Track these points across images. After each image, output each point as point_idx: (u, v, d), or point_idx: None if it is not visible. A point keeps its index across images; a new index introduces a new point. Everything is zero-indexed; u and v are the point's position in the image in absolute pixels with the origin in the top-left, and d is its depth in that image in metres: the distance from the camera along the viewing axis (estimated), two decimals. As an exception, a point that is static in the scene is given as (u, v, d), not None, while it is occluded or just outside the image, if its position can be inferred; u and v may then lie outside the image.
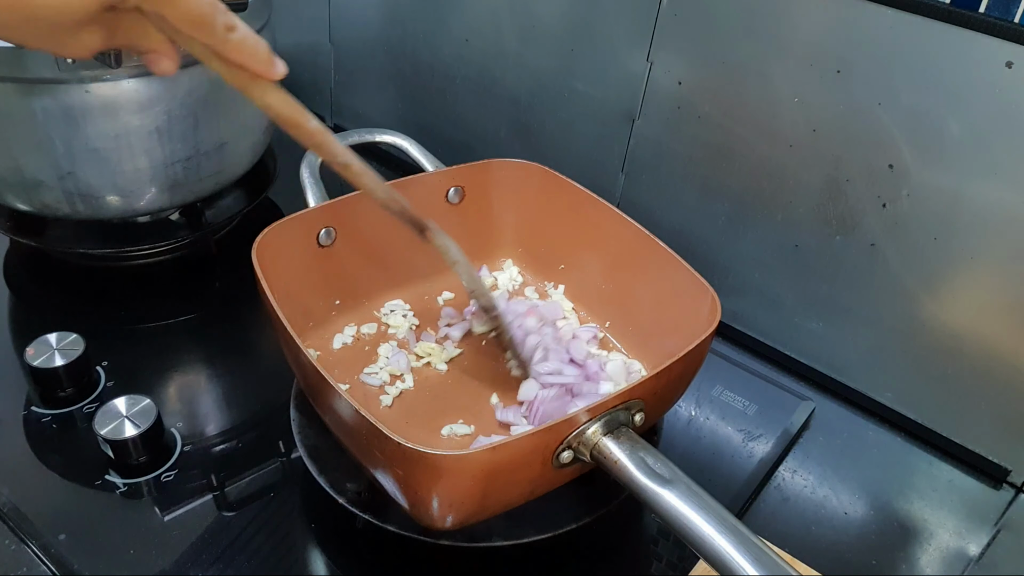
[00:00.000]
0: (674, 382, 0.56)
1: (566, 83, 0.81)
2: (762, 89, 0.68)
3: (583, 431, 0.49)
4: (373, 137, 0.75)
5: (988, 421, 0.67)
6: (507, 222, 0.75)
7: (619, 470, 0.49)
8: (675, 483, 0.47)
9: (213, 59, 0.44)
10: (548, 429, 0.48)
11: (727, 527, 0.44)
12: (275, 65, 0.45)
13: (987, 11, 0.56)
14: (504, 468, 0.48)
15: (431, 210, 0.71)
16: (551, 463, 0.49)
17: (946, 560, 0.62)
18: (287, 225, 0.64)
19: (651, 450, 0.49)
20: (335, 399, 0.49)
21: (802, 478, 0.67)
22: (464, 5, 0.85)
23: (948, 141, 0.61)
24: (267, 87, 0.46)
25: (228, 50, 0.43)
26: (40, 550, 0.56)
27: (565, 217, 0.71)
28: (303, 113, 0.49)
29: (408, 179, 0.70)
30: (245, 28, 0.43)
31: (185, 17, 0.41)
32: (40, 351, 0.66)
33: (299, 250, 0.65)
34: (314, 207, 0.67)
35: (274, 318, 0.55)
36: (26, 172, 0.70)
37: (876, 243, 0.67)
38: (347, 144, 0.72)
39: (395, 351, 0.67)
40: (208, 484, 0.62)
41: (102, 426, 0.61)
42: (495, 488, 0.49)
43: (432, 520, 0.50)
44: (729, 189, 0.74)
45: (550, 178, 0.71)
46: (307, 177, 0.69)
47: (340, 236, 0.68)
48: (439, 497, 0.48)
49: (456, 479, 0.47)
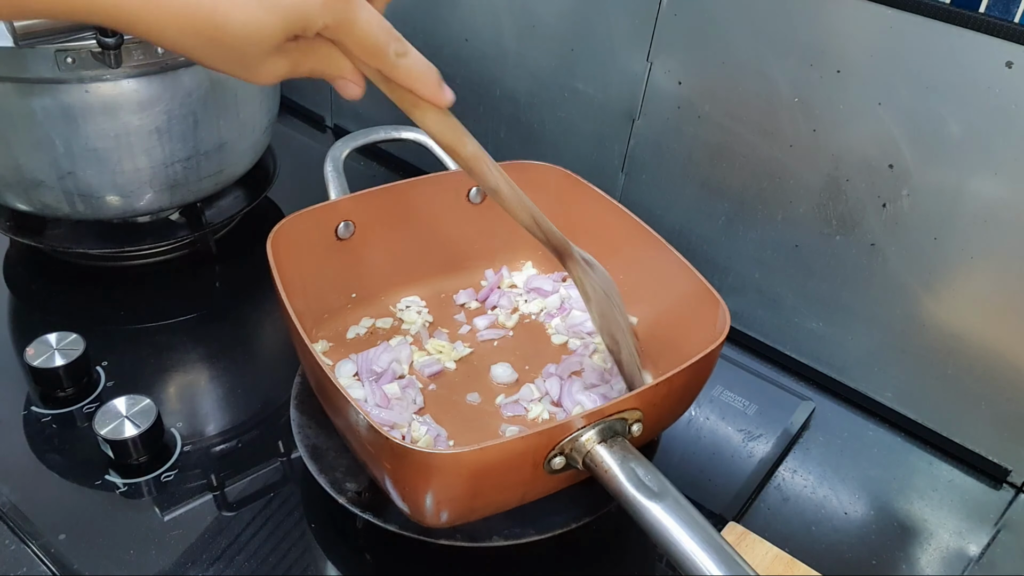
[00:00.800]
0: (676, 394, 0.55)
1: (566, 83, 0.81)
2: (762, 89, 0.68)
3: (577, 437, 0.48)
4: (399, 134, 0.75)
5: (988, 421, 0.67)
6: None
7: (609, 480, 0.48)
8: (664, 497, 0.46)
9: (383, 82, 0.44)
10: (540, 433, 0.47)
11: (712, 546, 0.44)
12: (443, 92, 0.45)
13: (987, 11, 0.56)
14: (494, 469, 0.47)
15: (452, 209, 0.72)
16: (543, 467, 0.49)
17: (946, 560, 0.62)
18: (305, 217, 0.64)
19: (643, 461, 0.49)
20: (332, 391, 0.50)
21: (802, 478, 0.67)
22: (464, 5, 0.85)
23: (948, 141, 0.61)
24: (429, 109, 0.46)
25: (398, 75, 0.44)
26: (40, 550, 0.56)
27: (582, 220, 0.71)
28: (462, 139, 0.49)
29: (429, 177, 0.71)
30: (416, 55, 0.44)
31: (360, 44, 0.42)
32: (40, 351, 0.66)
33: (316, 242, 0.65)
34: (335, 199, 0.67)
35: (281, 306, 0.55)
36: (26, 172, 0.70)
37: (876, 243, 0.67)
38: (371, 141, 0.74)
39: (401, 344, 0.68)
40: (208, 484, 0.62)
41: (102, 426, 0.61)
42: (485, 488, 0.49)
43: (424, 517, 0.50)
44: (729, 189, 0.74)
45: (570, 181, 0.71)
46: (330, 171, 0.70)
47: (359, 230, 0.68)
48: (428, 494, 0.48)
49: (445, 477, 0.47)
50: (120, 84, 0.67)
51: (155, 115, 0.70)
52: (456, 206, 0.72)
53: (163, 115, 0.70)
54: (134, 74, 0.68)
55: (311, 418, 0.61)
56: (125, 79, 0.67)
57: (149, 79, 0.68)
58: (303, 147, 1.05)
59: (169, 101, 0.70)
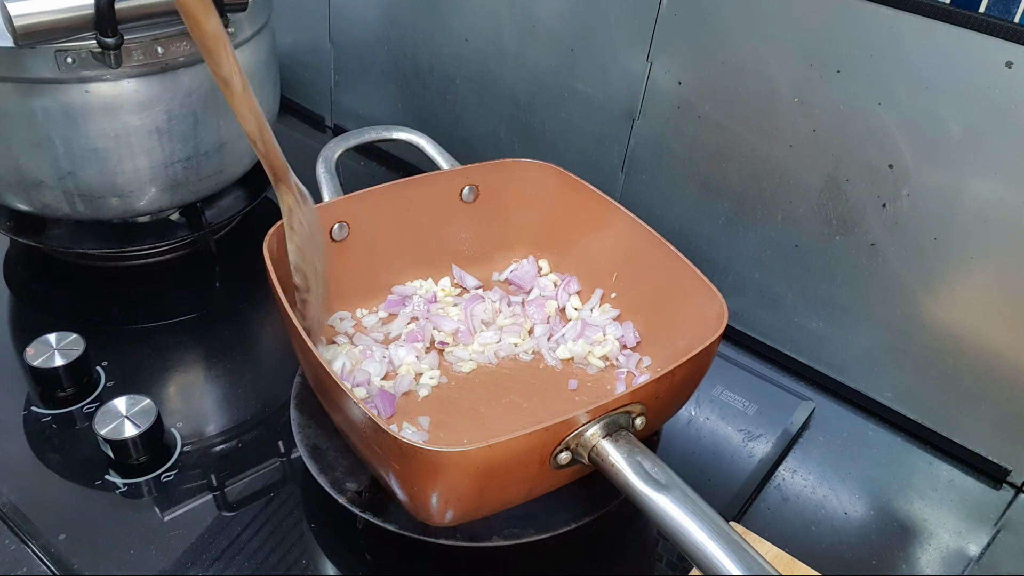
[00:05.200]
0: (677, 387, 0.55)
1: (566, 83, 0.81)
2: (762, 89, 0.68)
3: (582, 432, 0.49)
4: (390, 134, 0.75)
5: (988, 421, 0.67)
6: (520, 222, 0.74)
7: (616, 473, 0.48)
8: (671, 489, 0.46)
9: None
10: (547, 429, 0.48)
11: (720, 535, 0.44)
12: None
13: (987, 11, 0.56)
14: (501, 466, 0.48)
15: (445, 208, 0.72)
16: (549, 463, 0.49)
17: (946, 560, 0.62)
18: None
19: (649, 454, 0.49)
20: (336, 391, 0.50)
21: (802, 478, 0.67)
22: (464, 5, 0.85)
23: (948, 141, 0.61)
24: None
25: None
26: (40, 550, 0.57)
27: (578, 218, 0.71)
28: (208, 11, 0.46)
29: (422, 176, 0.71)
30: None
31: None
32: (40, 351, 0.66)
33: None
34: (328, 201, 0.67)
35: (281, 309, 0.55)
36: (26, 172, 0.70)
37: (876, 243, 0.67)
38: (363, 141, 0.74)
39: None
40: (208, 484, 0.62)
41: (102, 426, 0.61)
42: (492, 486, 0.49)
43: (430, 516, 0.50)
44: (729, 189, 0.74)
45: (565, 179, 0.71)
46: (322, 172, 0.70)
47: (353, 231, 0.68)
48: (435, 493, 0.48)
49: (452, 475, 0.47)
50: (120, 84, 0.67)
51: (155, 115, 0.70)
52: (449, 205, 0.72)
53: (163, 115, 0.70)
54: (134, 74, 0.68)
55: (311, 418, 0.61)
56: (125, 79, 0.67)
57: (149, 79, 0.68)
58: (303, 147, 1.05)
59: (169, 101, 0.70)
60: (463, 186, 0.72)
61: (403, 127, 0.76)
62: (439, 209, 0.72)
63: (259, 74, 0.78)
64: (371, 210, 0.68)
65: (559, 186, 0.71)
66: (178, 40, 0.68)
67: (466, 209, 0.73)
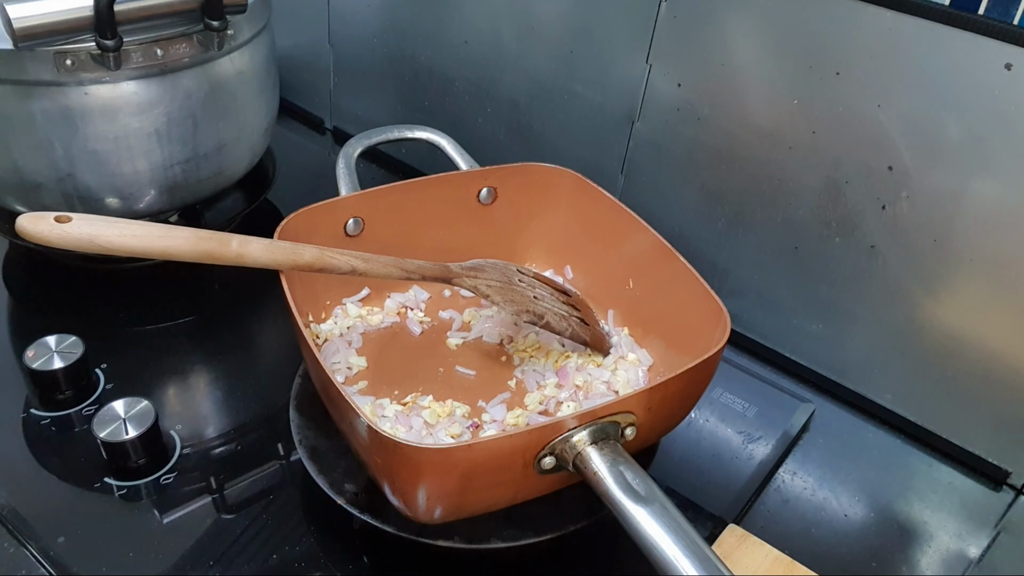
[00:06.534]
0: (673, 399, 0.54)
1: (565, 85, 0.81)
2: (761, 91, 0.68)
3: (568, 437, 0.48)
4: (412, 134, 0.75)
5: (988, 423, 0.67)
6: (536, 225, 0.75)
7: (597, 482, 0.48)
8: (650, 502, 0.46)
9: None
10: (531, 431, 0.47)
11: (695, 553, 0.43)
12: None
13: (986, 13, 0.56)
14: (483, 467, 0.47)
15: (462, 209, 0.72)
16: (533, 467, 0.49)
17: (946, 562, 0.62)
18: (315, 211, 0.64)
19: (633, 465, 0.48)
20: (328, 383, 0.50)
21: (802, 480, 0.67)
22: (463, 7, 0.85)
23: (947, 143, 0.61)
24: (252, 241, 0.56)
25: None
26: (39, 553, 0.56)
27: (592, 224, 0.71)
28: (295, 253, 0.56)
29: (439, 176, 0.71)
30: None
31: None
32: (39, 353, 0.66)
33: (324, 238, 0.65)
34: (345, 196, 0.67)
35: (285, 299, 0.55)
36: (25, 174, 0.70)
37: (876, 245, 0.67)
38: (385, 139, 0.75)
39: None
40: (207, 486, 0.62)
41: (101, 429, 0.61)
42: (475, 486, 0.49)
43: (416, 512, 0.50)
44: (729, 191, 0.74)
45: (582, 185, 0.71)
46: (342, 168, 0.70)
47: (368, 227, 0.68)
48: (416, 489, 0.48)
49: (433, 473, 0.47)
50: (119, 86, 0.67)
51: (154, 117, 0.70)
52: (466, 206, 0.72)
53: (162, 117, 0.70)
54: (133, 76, 0.68)
55: (310, 419, 0.61)
56: (124, 81, 0.67)
57: (148, 81, 0.68)
58: (302, 149, 1.05)
59: (168, 103, 0.70)
60: (481, 187, 0.72)
61: (424, 127, 0.76)
62: (455, 209, 0.72)
63: (258, 76, 0.78)
64: (387, 207, 0.68)
65: (577, 192, 0.71)
66: (177, 42, 0.68)
67: (483, 210, 0.73)
